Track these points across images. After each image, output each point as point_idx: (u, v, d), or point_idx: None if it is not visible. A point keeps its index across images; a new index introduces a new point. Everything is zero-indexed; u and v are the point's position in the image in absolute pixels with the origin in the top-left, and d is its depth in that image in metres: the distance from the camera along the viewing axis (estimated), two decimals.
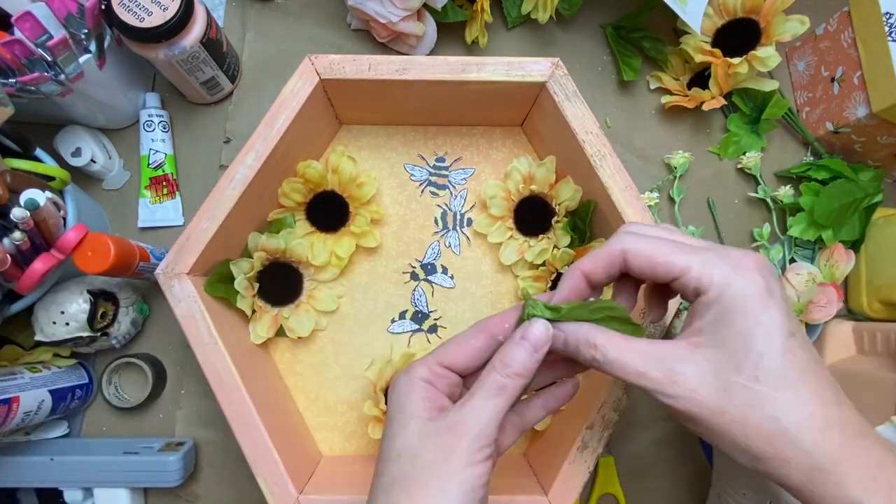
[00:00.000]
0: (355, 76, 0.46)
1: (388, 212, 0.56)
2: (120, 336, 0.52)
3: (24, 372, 0.48)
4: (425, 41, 0.56)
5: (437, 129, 0.57)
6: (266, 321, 0.51)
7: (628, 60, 0.58)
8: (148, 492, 0.54)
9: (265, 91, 0.58)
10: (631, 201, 0.45)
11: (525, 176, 0.53)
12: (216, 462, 0.55)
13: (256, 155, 0.45)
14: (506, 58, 0.46)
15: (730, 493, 0.44)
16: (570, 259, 0.51)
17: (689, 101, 0.56)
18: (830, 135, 0.56)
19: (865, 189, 0.54)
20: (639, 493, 0.56)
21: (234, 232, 0.48)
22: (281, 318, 0.52)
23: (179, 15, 0.45)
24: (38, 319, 0.47)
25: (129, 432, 0.55)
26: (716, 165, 0.59)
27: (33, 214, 0.41)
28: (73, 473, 0.51)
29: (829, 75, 0.55)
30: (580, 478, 0.43)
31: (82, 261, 0.43)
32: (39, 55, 0.43)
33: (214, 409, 0.51)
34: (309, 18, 0.59)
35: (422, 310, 0.55)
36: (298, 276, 0.53)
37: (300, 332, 0.52)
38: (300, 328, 0.52)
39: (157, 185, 0.56)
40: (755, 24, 0.53)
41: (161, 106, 0.57)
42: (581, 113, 0.46)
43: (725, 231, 0.58)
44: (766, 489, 0.40)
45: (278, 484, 0.43)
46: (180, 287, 0.44)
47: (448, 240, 0.56)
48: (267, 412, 0.45)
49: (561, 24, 0.60)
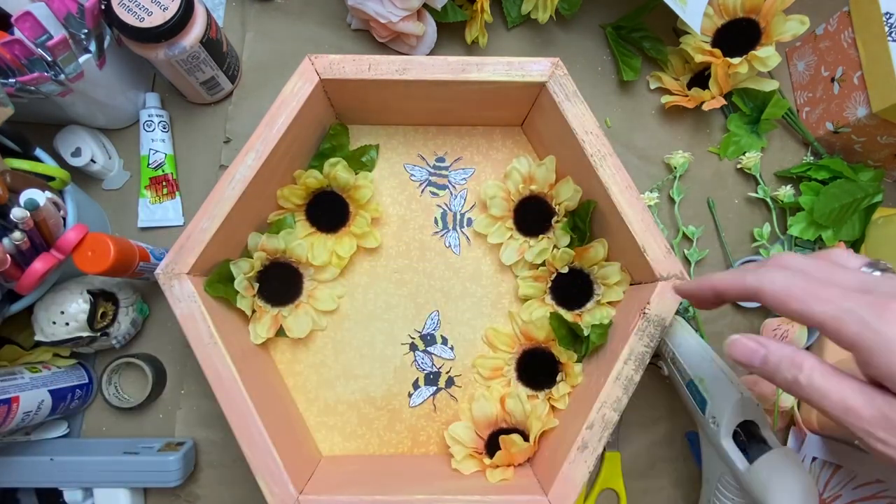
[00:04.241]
0: (355, 76, 0.46)
1: (389, 212, 0.56)
2: (120, 336, 0.52)
3: (24, 372, 0.48)
4: (425, 41, 0.56)
5: (437, 129, 0.57)
6: (266, 321, 0.51)
7: (628, 60, 0.58)
8: (148, 492, 0.54)
9: (265, 91, 0.58)
10: (631, 201, 0.45)
11: (525, 176, 0.53)
12: (216, 462, 0.55)
13: (256, 155, 0.45)
14: (506, 58, 0.46)
15: (718, 497, 0.45)
16: (569, 259, 0.51)
17: (689, 101, 0.56)
18: (830, 135, 0.56)
19: (865, 189, 0.54)
20: (639, 493, 0.56)
21: (234, 232, 0.48)
22: (281, 318, 0.52)
23: (179, 15, 0.45)
24: (38, 319, 0.47)
25: (129, 432, 0.55)
26: (716, 165, 0.59)
27: (33, 214, 0.41)
28: (73, 473, 0.51)
29: (829, 75, 0.55)
30: (580, 478, 0.43)
31: (82, 261, 0.43)
32: (39, 55, 0.43)
33: (214, 409, 0.52)
34: (309, 18, 0.59)
35: (430, 371, 0.55)
36: (298, 276, 0.53)
37: (298, 332, 0.52)
38: (298, 329, 0.52)
39: (157, 185, 0.56)
40: (755, 24, 0.53)
41: (161, 106, 0.57)
42: (581, 113, 0.46)
43: (726, 231, 0.58)
44: (749, 494, 0.41)
45: (278, 484, 0.43)
46: (180, 287, 0.44)
47: (448, 240, 0.56)
48: (267, 412, 0.45)
49: (561, 24, 0.60)
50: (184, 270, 0.44)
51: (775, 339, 0.53)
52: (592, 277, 0.52)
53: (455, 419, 0.54)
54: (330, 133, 0.54)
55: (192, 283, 0.44)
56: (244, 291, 0.49)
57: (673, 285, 0.39)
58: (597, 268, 0.51)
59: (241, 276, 0.49)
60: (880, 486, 0.49)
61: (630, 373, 0.44)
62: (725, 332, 0.58)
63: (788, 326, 0.54)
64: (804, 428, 0.55)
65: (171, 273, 0.44)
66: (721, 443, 0.43)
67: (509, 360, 0.53)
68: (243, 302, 0.50)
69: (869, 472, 0.50)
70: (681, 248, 0.58)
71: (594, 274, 0.52)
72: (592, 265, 0.52)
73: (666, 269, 0.45)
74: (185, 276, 0.44)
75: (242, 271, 0.49)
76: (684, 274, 0.45)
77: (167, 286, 0.44)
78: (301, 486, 0.45)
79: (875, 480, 0.49)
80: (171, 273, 0.44)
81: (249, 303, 0.50)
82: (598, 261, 0.51)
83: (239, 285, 0.49)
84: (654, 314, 0.44)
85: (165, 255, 0.44)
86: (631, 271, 0.50)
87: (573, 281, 0.53)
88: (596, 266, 0.51)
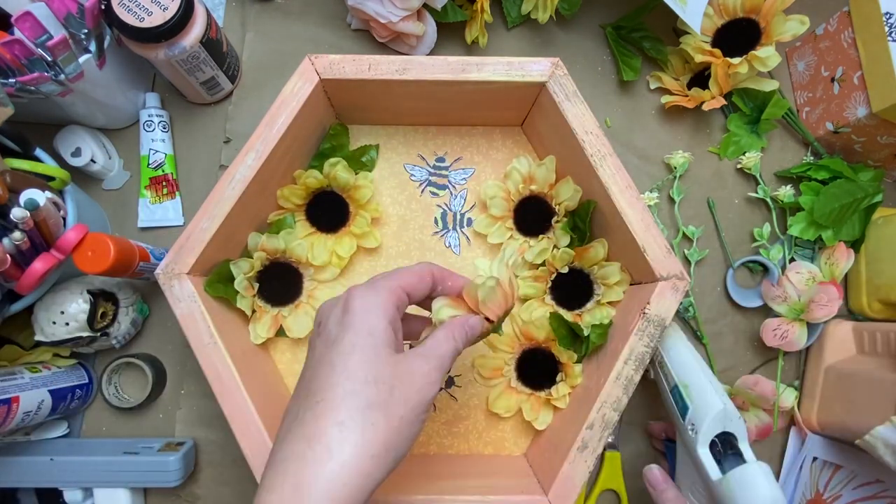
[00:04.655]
0: (355, 76, 0.46)
1: (389, 212, 0.56)
2: (120, 336, 0.52)
3: (24, 372, 0.48)
4: (425, 41, 0.56)
5: (437, 129, 0.57)
6: (266, 321, 0.51)
7: (628, 60, 0.58)
8: (148, 492, 0.54)
9: (265, 91, 0.58)
10: (631, 201, 0.45)
11: (525, 176, 0.53)
12: (216, 462, 0.55)
13: (256, 155, 0.45)
14: (506, 58, 0.46)
15: (687, 496, 0.46)
16: (569, 259, 0.51)
17: (689, 101, 0.56)
18: (830, 135, 0.56)
19: (865, 189, 0.54)
20: (639, 493, 0.56)
21: (234, 232, 0.48)
22: (281, 318, 0.52)
23: (179, 15, 0.45)
24: (38, 319, 0.47)
25: (129, 432, 0.55)
26: (716, 165, 0.59)
27: (33, 214, 0.41)
28: (73, 473, 0.51)
29: (829, 75, 0.55)
30: (580, 478, 0.43)
31: (82, 261, 0.43)
32: (39, 55, 0.43)
33: (214, 409, 0.52)
34: (309, 18, 0.59)
35: None
36: (298, 276, 0.53)
37: (298, 332, 0.52)
38: (298, 329, 0.52)
39: (157, 185, 0.56)
40: (755, 24, 0.53)
41: (161, 106, 0.57)
42: (581, 113, 0.46)
43: (726, 231, 0.58)
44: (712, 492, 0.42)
45: None
46: (180, 287, 0.44)
47: (448, 240, 0.56)
48: (267, 412, 0.45)
49: (561, 24, 0.60)
50: (184, 270, 0.44)
51: (775, 338, 0.54)
52: (592, 277, 0.52)
53: (455, 419, 0.54)
54: (330, 133, 0.54)
55: (192, 283, 0.44)
56: (244, 291, 0.49)
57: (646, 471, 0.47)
58: (597, 268, 0.51)
59: (241, 276, 0.49)
60: (881, 485, 0.49)
61: (630, 373, 0.44)
62: (725, 332, 0.58)
63: (788, 326, 0.54)
64: (804, 428, 0.55)
65: (171, 273, 0.44)
66: (697, 450, 0.43)
67: (509, 360, 0.53)
68: (243, 302, 0.50)
69: (869, 472, 0.50)
70: (681, 248, 0.58)
71: (594, 274, 0.52)
72: (592, 265, 0.52)
73: (666, 269, 0.45)
74: (185, 276, 0.44)
75: (242, 271, 0.49)
76: (684, 274, 0.45)
77: (167, 286, 0.44)
78: None
79: (875, 480, 0.49)
80: (171, 273, 0.44)
81: (249, 303, 0.50)
82: (598, 261, 0.51)
83: (239, 285, 0.49)
84: (654, 314, 0.44)
85: (165, 255, 0.44)
86: (631, 271, 0.50)
87: (573, 281, 0.53)
88: (596, 266, 0.51)
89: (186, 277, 0.44)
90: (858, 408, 0.49)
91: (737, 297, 0.57)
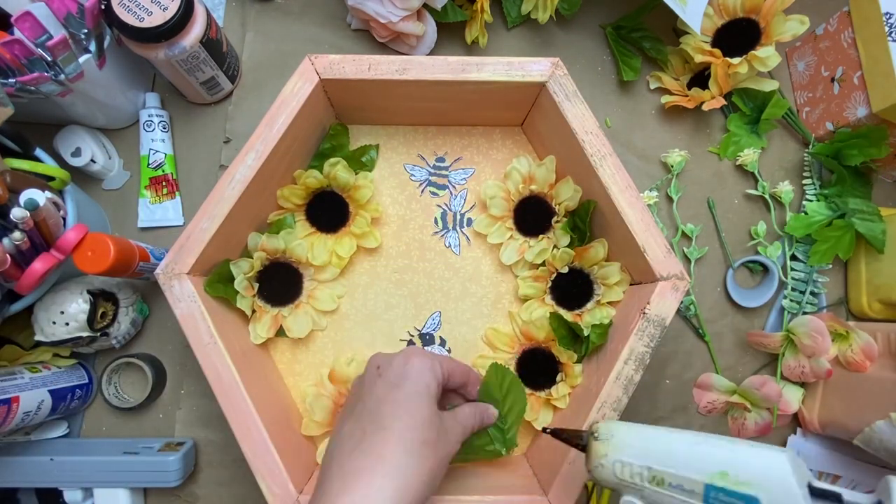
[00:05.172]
0: (355, 76, 0.46)
1: (388, 212, 0.56)
2: (120, 336, 0.52)
3: (24, 372, 0.48)
4: (425, 41, 0.56)
5: (437, 129, 0.57)
6: (266, 321, 0.51)
7: (628, 60, 0.58)
8: (148, 492, 0.54)
9: (265, 91, 0.58)
10: (631, 201, 0.45)
11: (525, 176, 0.53)
12: (216, 462, 0.55)
13: (256, 155, 0.45)
14: (506, 58, 0.46)
15: None
16: (569, 259, 0.51)
17: (689, 101, 0.56)
18: (830, 135, 0.56)
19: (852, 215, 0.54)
20: None
21: (234, 232, 0.48)
22: (281, 318, 0.52)
23: (179, 15, 0.45)
24: (38, 319, 0.47)
25: (128, 432, 0.55)
26: (716, 165, 0.59)
27: (33, 214, 0.41)
28: (73, 473, 0.51)
29: (829, 75, 0.55)
30: (580, 478, 0.43)
31: (82, 261, 0.43)
32: (39, 55, 0.43)
33: (214, 409, 0.52)
34: (309, 18, 0.59)
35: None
36: (298, 276, 0.53)
37: (298, 332, 0.52)
38: (298, 329, 0.52)
39: (157, 185, 0.56)
40: (755, 24, 0.53)
41: (161, 106, 0.57)
42: (581, 113, 0.46)
43: (726, 231, 0.58)
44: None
45: (278, 484, 0.43)
46: (180, 287, 0.44)
47: (448, 240, 0.56)
48: (267, 412, 0.45)
49: (561, 24, 0.60)
50: (184, 270, 0.44)
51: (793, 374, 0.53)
52: (592, 277, 0.52)
53: None
54: (330, 133, 0.54)
55: (192, 283, 0.44)
56: (244, 291, 0.49)
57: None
58: (597, 268, 0.51)
59: (241, 276, 0.49)
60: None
61: (630, 373, 0.44)
62: (725, 331, 0.58)
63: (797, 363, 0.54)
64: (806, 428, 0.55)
65: (171, 273, 0.44)
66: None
67: (509, 361, 0.53)
68: (243, 302, 0.50)
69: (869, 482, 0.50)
70: (680, 247, 0.58)
71: (594, 274, 0.52)
72: (592, 265, 0.52)
73: (666, 268, 0.45)
74: (185, 276, 0.44)
75: (242, 271, 0.49)
76: (684, 274, 0.45)
77: (167, 286, 0.44)
78: (301, 486, 0.45)
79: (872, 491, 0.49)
80: (171, 273, 0.44)
81: (249, 303, 0.50)
82: (598, 261, 0.51)
83: (239, 285, 0.49)
84: (654, 314, 0.44)
85: (165, 255, 0.44)
86: (631, 271, 0.50)
87: (573, 281, 0.53)
88: (596, 266, 0.51)
89: (186, 277, 0.44)
90: (859, 407, 0.49)
91: (737, 297, 0.57)
